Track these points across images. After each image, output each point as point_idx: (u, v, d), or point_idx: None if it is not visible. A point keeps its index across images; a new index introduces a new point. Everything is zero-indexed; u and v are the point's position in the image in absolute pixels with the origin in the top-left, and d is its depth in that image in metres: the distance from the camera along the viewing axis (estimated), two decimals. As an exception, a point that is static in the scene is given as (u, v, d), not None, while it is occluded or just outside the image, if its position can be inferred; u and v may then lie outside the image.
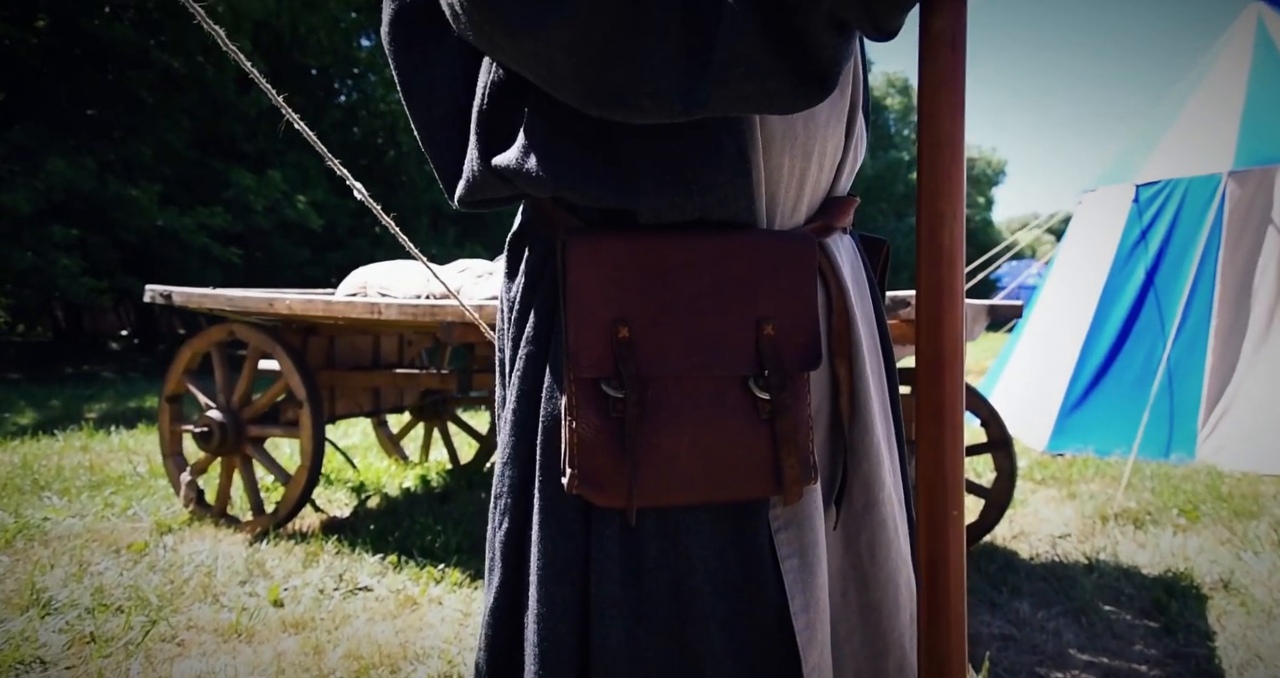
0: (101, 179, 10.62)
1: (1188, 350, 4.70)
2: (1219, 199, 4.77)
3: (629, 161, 0.67)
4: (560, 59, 0.57)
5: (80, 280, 10.25)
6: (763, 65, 0.54)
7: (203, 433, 2.96)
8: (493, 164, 0.70)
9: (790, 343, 0.71)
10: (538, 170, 0.67)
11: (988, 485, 2.95)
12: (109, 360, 15.27)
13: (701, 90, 0.56)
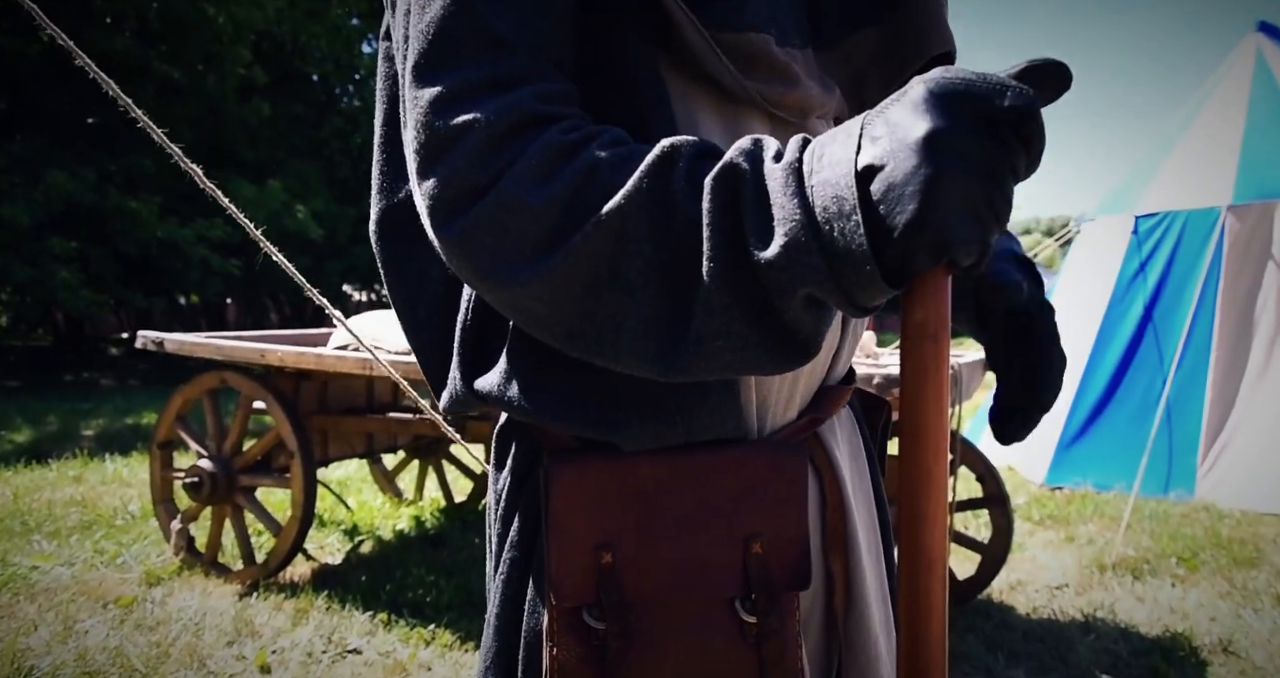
0: (101, 191, 10.62)
1: (1187, 385, 4.67)
2: (1218, 233, 4.75)
3: (611, 393, 0.64)
4: (539, 310, 0.56)
5: (80, 293, 10.25)
6: (741, 337, 0.52)
7: (193, 483, 2.94)
8: (474, 386, 0.69)
9: (778, 561, 0.69)
10: (519, 400, 0.66)
11: (984, 541, 2.93)
12: (108, 367, 15.27)
13: (680, 359, 0.54)
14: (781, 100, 0.67)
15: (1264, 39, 5.24)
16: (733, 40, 0.63)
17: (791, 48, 0.69)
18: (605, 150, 0.54)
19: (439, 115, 0.55)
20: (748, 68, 0.65)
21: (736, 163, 0.51)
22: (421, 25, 0.58)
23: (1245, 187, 4.78)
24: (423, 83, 0.57)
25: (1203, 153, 5.10)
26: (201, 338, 3.03)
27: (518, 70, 0.57)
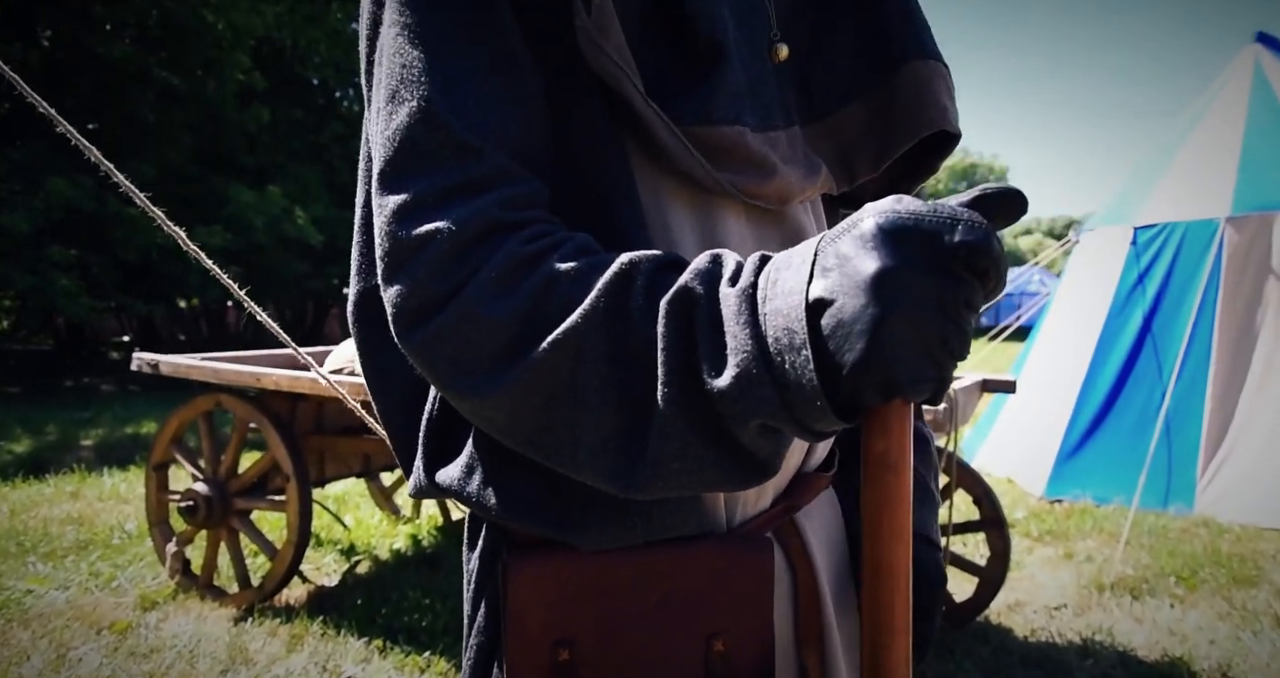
0: (101, 198, 10.62)
1: (1186, 398, 4.66)
2: (1217, 245, 4.74)
3: (569, 495, 0.64)
4: (499, 419, 0.56)
5: (79, 300, 10.25)
6: (698, 459, 0.52)
7: (188, 507, 2.93)
8: (435, 479, 0.68)
9: (742, 659, 0.68)
10: (477, 496, 0.65)
11: (981, 563, 2.92)
12: (109, 372, 15.28)
13: (638, 478, 0.53)
14: (758, 191, 0.66)
15: (1262, 50, 5.23)
16: (705, 134, 0.62)
17: (774, 130, 0.68)
18: (566, 262, 0.54)
19: (402, 224, 0.55)
20: (721, 160, 0.64)
21: (691, 287, 0.51)
22: (389, 131, 0.58)
23: (1244, 198, 4.76)
24: (388, 190, 0.57)
25: (1201, 164, 5.08)
26: (197, 361, 3.03)
27: (483, 176, 0.56)
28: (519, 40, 0.60)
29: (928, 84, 0.71)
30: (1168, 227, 5.01)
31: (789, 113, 0.71)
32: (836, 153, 0.74)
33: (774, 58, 0.70)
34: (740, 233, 0.69)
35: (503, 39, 0.60)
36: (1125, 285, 5.13)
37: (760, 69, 0.68)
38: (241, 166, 13.96)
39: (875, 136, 0.73)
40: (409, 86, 0.57)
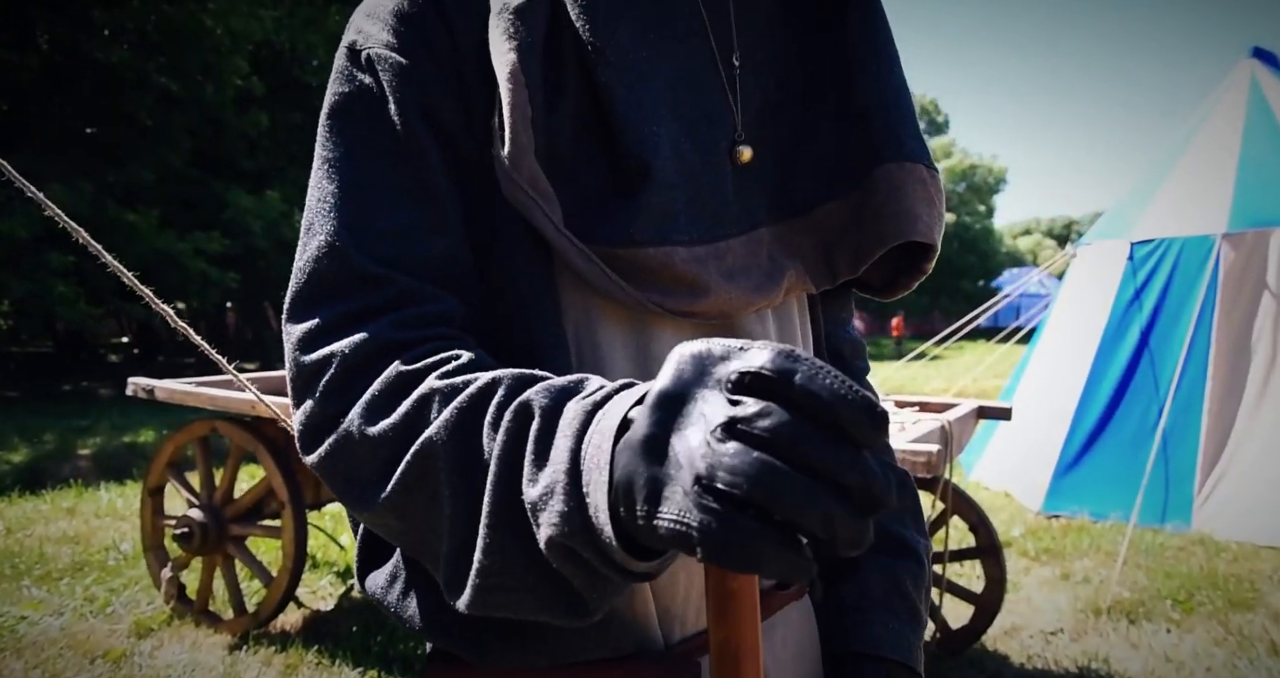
0: (99, 204, 10.62)
1: (1183, 414, 4.66)
2: (1213, 261, 4.74)
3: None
4: (392, 528, 0.57)
5: (77, 306, 10.24)
6: (518, 582, 0.50)
7: (184, 534, 2.93)
8: (365, 584, 0.68)
9: None
10: (397, 607, 0.65)
11: (977, 591, 2.92)
12: (108, 375, 15.28)
13: (467, 595, 0.52)
14: (691, 309, 0.64)
15: (1258, 65, 5.23)
16: (629, 256, 0.61)
17: (726, 239, 0.65)
18: (442, 380, 0.54)
19: (304, 351, 0.58)
20: (646, 282, 0.62)
21: (537, 400, 0.49)
22: (300, 263, 0.61)
23: (1240, 215, 4.77)
24: (293, 319, 0.60)
25: (1198, 180, 5.09)
26: (192, 387, 3.02)
27: (385, 301, 0.58)
28: (439, 168, 0.62)
29: (900, 189, 0.68)
30: (1164, 242, 5.02)
31: (753, 215, 0.68)
32: (819, 249, 0.71)
33: (736, 160, 0.67)
34: None
35: (421, 169, 0.61)
36: (1122, 300, 5.14)
37: (714, 175, 0.65)
38: (241, 170, 13.95)
39: (852, 237, 0.70)
40: (322, 219, 0.60)
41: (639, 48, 0.62)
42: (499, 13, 0.61)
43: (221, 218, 12.29)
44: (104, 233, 10.43)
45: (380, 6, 0.64)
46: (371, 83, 0.62)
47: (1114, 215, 5.73)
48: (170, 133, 11.92)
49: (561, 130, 0.62)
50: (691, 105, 0.65)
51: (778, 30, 0.70)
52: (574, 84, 0.62)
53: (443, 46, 0.63)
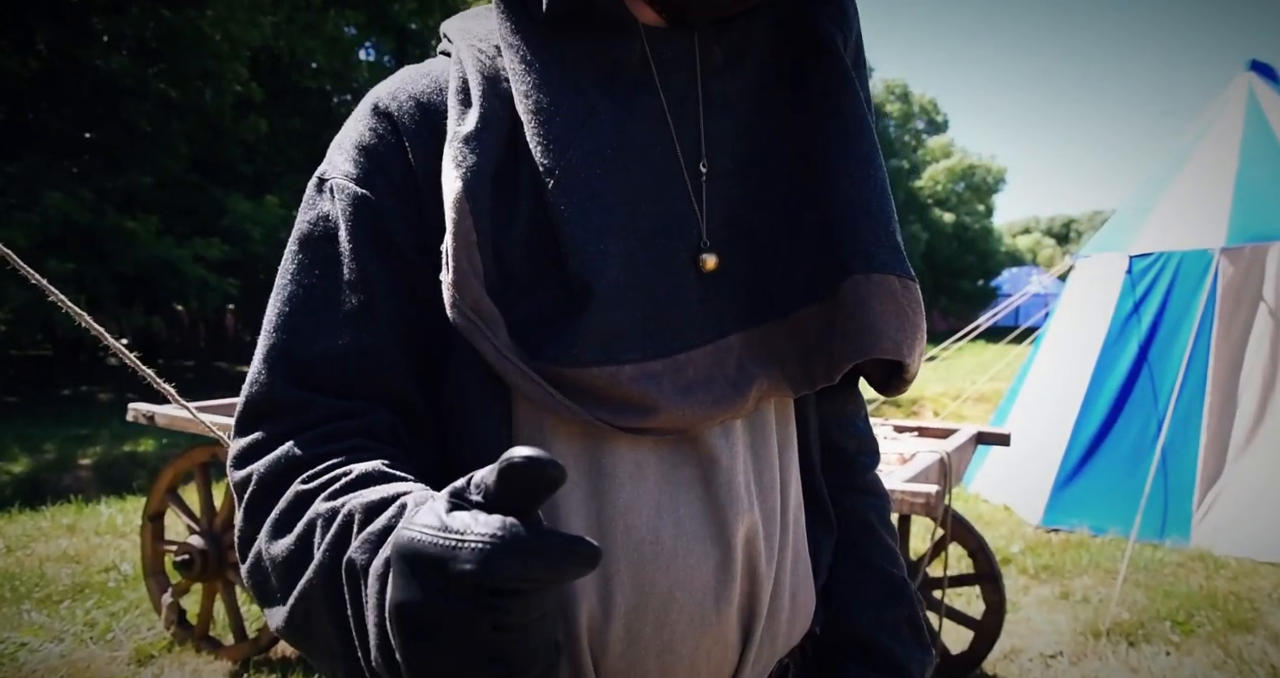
0: (98, 210, 10.61)
1: (1181, 429, 4.66)
2: (1212, 275, 4.74)
3: None
4: (299, 645, 0.60)
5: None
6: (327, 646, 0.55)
7: (184, 561, 2.93)
8: None
9: None
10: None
11: (976, 615, 2.92)
12: (107, 379, 15.28)
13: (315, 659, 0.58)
14: (642, 426, 0.63)
15: (1255, 78, 5.23)
16: (574, 375, 0.61)
17: (686, 351, 0.64)
18: (328, 501, 0.57)
19: (234, 467, 0.64)
20: (594, 401, 0.62)
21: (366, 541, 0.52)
22: (246, 383, 0.65)
23: (1238, 229, 4.77)
24: (234, 437, 0.65)
25: (1196, 194, 5.09)
26: (192, 412, 3.02)
27: (305, 422, 0.62)
28: (385, 293, 0.65)
29: (865, 304, 0.66)
30: (1163, 256, 5.02)
31: (721, 323, 0.67)
32: (800, 353, 0.69)
33: (700, 269, 0.66)
34: (636, 463, 0.66)
35: (367, 294, 0.64)
36: (1121, 313, 5.14)
37: (674, 287, 0.65)
38: (239, 175, 13.95)
39: (827, 346, 0.68)
40: (265, 343, 0.65)
41: (593, 165, 0.63)
42: (450, 140, 0.63)
43: (220, 224, 12.29)
44: (103, 240, 10.46)
45: (347, 137, 0.68)
46: (330, 211, 0.66)
47: (1112, 228, 5.73)
48: (169, 138, 11.91)
49: (515, 249, 0.63)
50: (651, 217, 0.65)
51: (750, 133, 0.70)
52: (528, 205, 0.63)
53: (401, 174, 0.66)
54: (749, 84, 0.70)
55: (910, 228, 30.31)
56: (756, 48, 0.69)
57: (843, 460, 0.89)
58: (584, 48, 0.65)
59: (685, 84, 0.67)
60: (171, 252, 11.11)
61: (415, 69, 0.72)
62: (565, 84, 0.64)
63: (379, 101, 0.68)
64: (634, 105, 0.65)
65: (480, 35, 0.70)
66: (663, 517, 0.66)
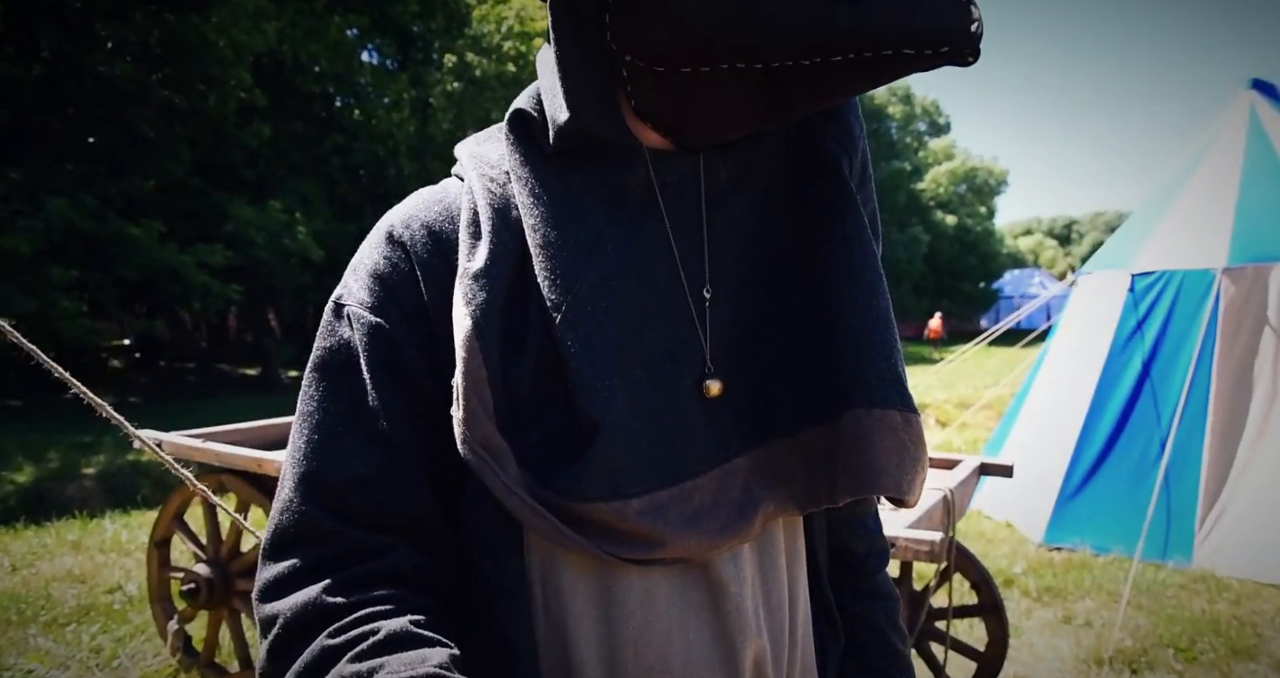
0: (101, 217, 10.63)
1: (1184, 449, 4.67)
2: (1214, 295, 4.75)
3: None
4: None
5: (79, 321, 10.26)
6: None
7: (190, 590, 2.94)
8: None
9: None
10: None
11: (979, 645, 2.93)
12: (109, 383, 15.33)
13: None
14: (649, 558, 0.64)
15: (1257, 97, 5.23)
16: (581, 510, 0.62)
17: (692, 478, 0.65)
18: (354, 663, 0.58)
19: (261, 600, 0.64)
20: (602, 534, 0.63)
21: None
22: (272, 511, 0.65)
23: (1239, 249, 4.78)
24: (261, 566, 0.65)
25: (1198, 213, 5.10)
26: (199, 442, 3.03)
27: (331, 556, 0.63)
28: (404, 421, 0.65)
29: (867, 438, 0.66)
30: (1165, 275, 5.02)
31: (727, 447, 0.67)
32: (807, 472, 0.69)
33: (705, 394, 0.67)
34: (646, 590, 0.66)
35: (386, 422, 0.65)
36: (1123, 332, 5.14)
37: (679, 415, 0.65)
38: (242, 180, 13.98)
39: (831, 470, 0.68)
40: (290, 471, 0.65)
41: (599, 298, 0.63)
42: (461, 275, 0.64)
43: (223, 230, 12.32)
44: (106, 245, 10.48)
45: (363, 264, 0.69)
46: (348, 338, 0.67)
47: (1115, 245, 5.74)
48: (171, 143, 11.94)
49: (524, 381, 0.64)
50: (656, 344, 0.65)
51: (753, 254, 0.70)
52: (535, 338, 0.64)
53: (414, 304, 0.67)
54: (753, 205, 0.70)
55: (912, 230, 30.34)
56: (761, 168, 0.70)
57: (852, 563, 0.89)
58: (590, 174, 0.66)
59: (690, 208, 0.68)
60: (174, 258, 11.13)
61: (429, 194, 0.73)
62: (572, 214, 0.65)
63: (393, 229, 0.69)
64: (639, 231, 0.66)
65: (491, 161, 0.71)
66: (672, 643, 0.67)
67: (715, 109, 0.63)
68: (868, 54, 0.56)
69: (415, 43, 17.63)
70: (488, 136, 0.76)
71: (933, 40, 0.54)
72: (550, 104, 0.66)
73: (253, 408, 12.46)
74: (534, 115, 0.69)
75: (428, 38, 17.62)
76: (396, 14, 16.31)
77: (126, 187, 11.49)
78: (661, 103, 0.64)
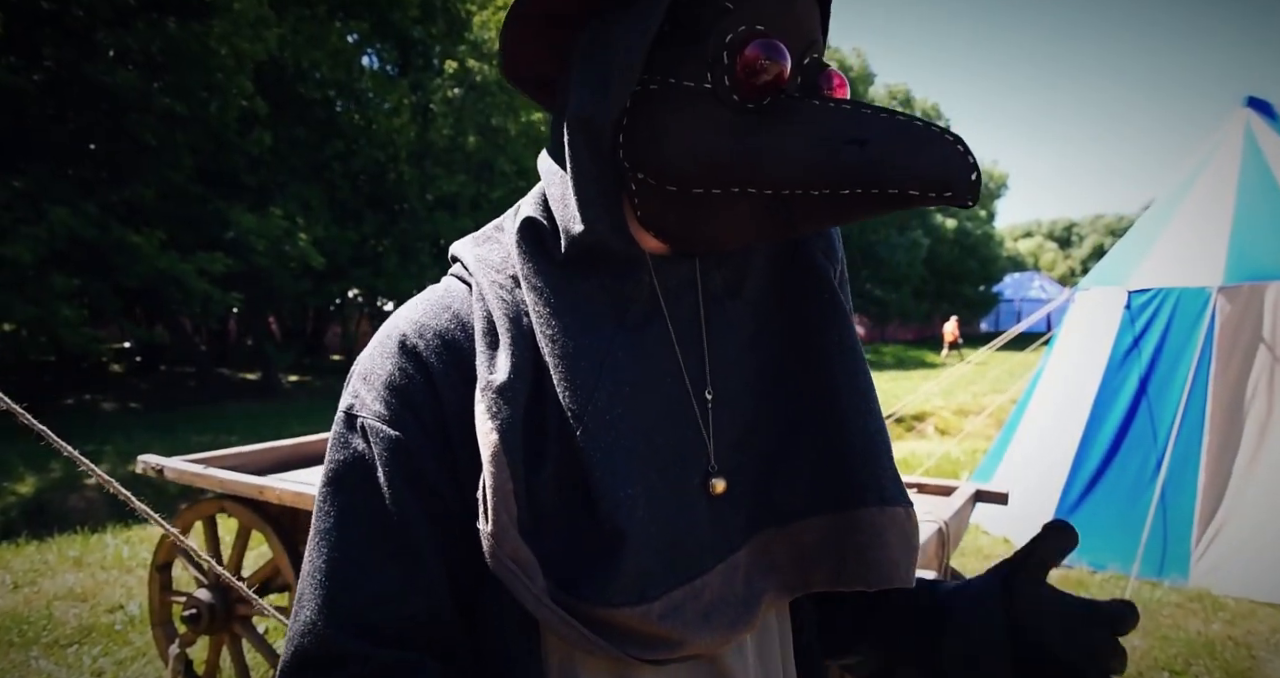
0: (103, 225, 10.64)
1: (1180, 466, 4.69)
2: (1210, 313, 4.78)
3: None
4: None
5: (80, 330, 10.28)
6: None
7: (191, 616, 2.96)
8: None
9: None
10: None
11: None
12: (109, 387, 15.34)
13: None
14: (670, 658, 0.66)
15: (1253, 114, 5.26)
16: (606, 616, 0.63)
17: (702, 575, 0.67)
18: None
19: None
20: (626, 637, 0.65)
21: None
22: (290, 634, 0.66)
23: (1235, 268, 4.80)
24: None
25: (1193, 231, 5.12)
26: (202, 468, 3.05)
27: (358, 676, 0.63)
28: (424, 533, 0.66)
29: (882, 536, 0.70)
30: (1161, 292, 5.05)
31: (730, 540, 0.70)
32: (795, 560, 0.72)
33: (710, 493, 0.69)
34: None
35: (407, 535, 0.65)
36: (1120, 348, 5.17)
37: (689, 515, 0.68)
38: (243, 186, 14.00)
39: (832, 559, 0.71)
40: (309, 592, 0.65)
41: (614, 406, 0.65)
42: (483, 389, 0.65)
43: (224, 238, 12.34)
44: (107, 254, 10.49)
45: (375, 374, 0.69)
46: (364, 451, 0.67)
47: (1112, 261, 5.76)
48: (173, 150, 11.96)
49: (545, 489, 0.65)
50: (666, 448, 0.67)
51: (749, 355, 0.73)
52: (555, 447, 0.65)
53: (430, 415, 0.67)
54: (746, 308, 0.74)
55: (912, 234, 30.34)
56: (752, 273, 0.74)
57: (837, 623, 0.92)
58: (598, 281, 0.68)
59: (689, 312, 0.71)
60: (175, 266, 11.14)
61: (436, 300, 0.74)
62: (584, 323, 0.67)
63: (405, 339, 0.70)
64: (645, 337, 0.68)
65: (496, 265, 0.72)
66: None
67: (722, 225, 0.66)
68: (874, 191, 0.60)
69: (415, 48, 17.65)
70: (486, 238, 0.77)
71: (937, 186, 0.58)
72: (562, 215, 0.68)
73: (254, 414, 12.48)
74: (544, 224, 0.70)
75: (428, 43, 17.63)
76: (397, 19, 16.33)
77: (128, 194, 11.51)
78: (668, 217, 0.67)
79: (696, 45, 0.64)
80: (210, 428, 10.46)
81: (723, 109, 0.63)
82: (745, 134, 0.63)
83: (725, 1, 0.63)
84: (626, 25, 0.64)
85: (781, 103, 0.63)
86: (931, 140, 0.59)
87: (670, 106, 0.64)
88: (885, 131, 0.60)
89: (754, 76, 0.63)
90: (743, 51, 0.63)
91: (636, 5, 0.64)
